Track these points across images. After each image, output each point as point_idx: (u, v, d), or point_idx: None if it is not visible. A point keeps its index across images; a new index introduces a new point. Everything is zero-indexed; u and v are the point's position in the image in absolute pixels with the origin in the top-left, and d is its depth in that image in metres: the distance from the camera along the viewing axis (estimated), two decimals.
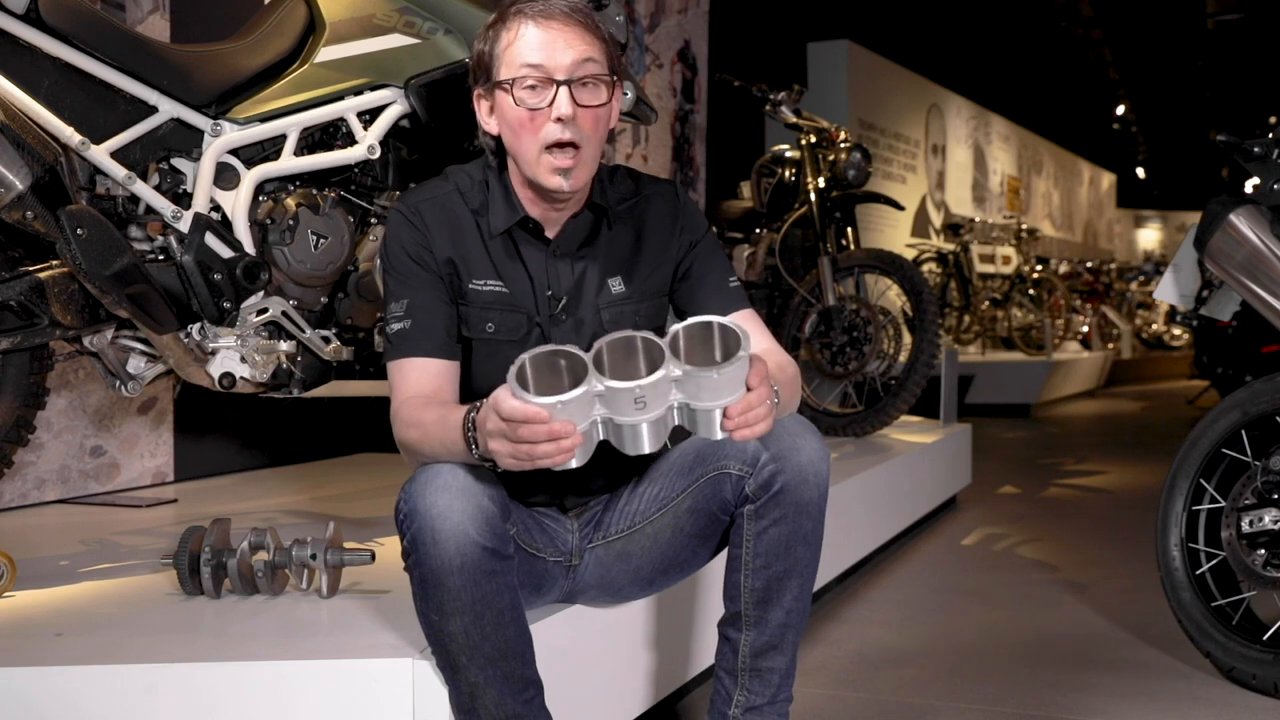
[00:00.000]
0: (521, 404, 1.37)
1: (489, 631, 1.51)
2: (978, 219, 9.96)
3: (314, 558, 1.91)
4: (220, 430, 3.64)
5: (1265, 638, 2.41)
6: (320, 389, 2.48)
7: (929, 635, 2.93)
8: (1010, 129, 14.08)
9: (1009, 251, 9.85)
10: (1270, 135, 2.54)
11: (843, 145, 4.50)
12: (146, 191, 2.23)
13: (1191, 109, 21.51)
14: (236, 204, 2.33)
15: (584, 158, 1.67)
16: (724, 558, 1.75)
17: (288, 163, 2.39)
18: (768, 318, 4.58)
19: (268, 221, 2.36)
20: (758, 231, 4.78)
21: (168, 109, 2.27)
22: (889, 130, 10.04)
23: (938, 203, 11.28)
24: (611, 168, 1.83)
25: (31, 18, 2.09)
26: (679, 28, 6.59)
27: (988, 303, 9.76)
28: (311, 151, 2.45)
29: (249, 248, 2.34)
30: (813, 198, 4.40)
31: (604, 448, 1.52)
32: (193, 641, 1.74)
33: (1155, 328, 13.67)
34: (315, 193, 2.43)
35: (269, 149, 2.39)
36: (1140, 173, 23.15)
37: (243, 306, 2.33)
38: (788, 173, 4.62)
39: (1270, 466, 2.43)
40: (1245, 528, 2.44)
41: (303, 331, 2.41)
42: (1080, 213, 17.95)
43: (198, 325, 2.30)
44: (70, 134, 2.10)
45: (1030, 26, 16.30)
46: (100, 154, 2.16)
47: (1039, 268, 10.28)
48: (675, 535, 1.77)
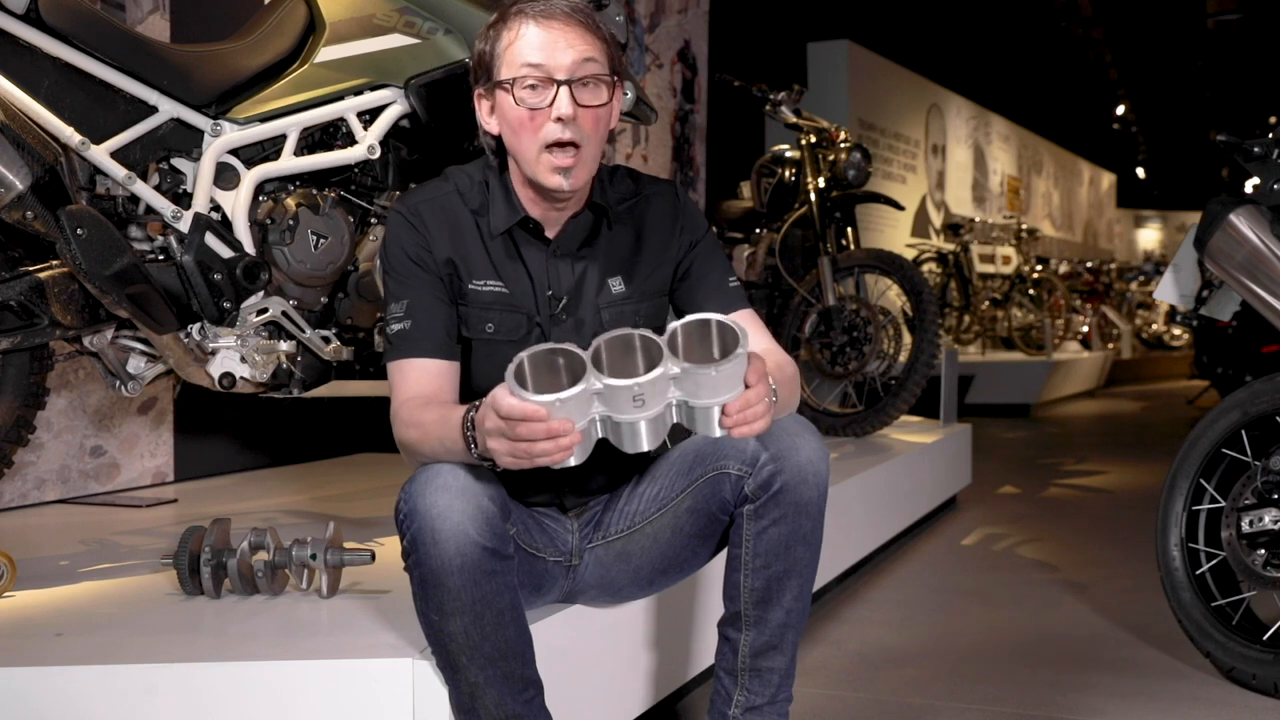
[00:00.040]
0: (520, 402, 1.37)
1: (489, 631, 1.51)
2: (978, 219, 9.96)
3: (314, 558, 1.91)
4: (220, 430, 3.64)
5: (1265, 638, 2.41)
6: (320, 389, 2.48)
7: (929, 635, 2.93)
8: (1010, 129, 14.08)
9: (1009, 251, 9.84)
10: (1270, 135, 2.54)
11: (843, 145, 4.49)
12: (146, 191, 2.23)
13: (1191, 109, 21.51)
14: (236, 204, 2.33)
15: (584, 157, 1.67)
16: (724, 558, 1.75)
17: (288, 163, 2.39)
18: (768, 318, 4.58)
19: (268, 221, 2.36)
20: (758, 231, 4.78)
21: (168, 109, 2.27)
22: (889, 130, 10.04)
23: (938, 203, 11.28)
24: (611, 168, 1.84)
25: (31, 18, 2.09)
26: (679, 28, 6.59)
27: (988, 303, 9.76)
28: (311, 151, 2.45)
29: (249, 248, 2.34)
30: (813, 198, 4.40)
31: (603, 448, 1.52)
32: (193, 641, 1.74)
33: (1155, 328, 13.67)
34: (315, 193, 2.43)
35: (269, 149, 2.39)
36: (1140, 173, 23.14)
37: (243, 306, 2.33)
38: (788, 173, 4.62)
39: (1270, 466, 2.43)
40: (1245, 528, 2.44)
41: (303, 331, 2.41)
42: (1080, 213, 17.95)
43: (198, 325, 2.30)
44: (70, 134, 2.10)
45: (1030, 26, 16.30)
46: (100, 154, 2.16)
47: (1039, 268, 10.28)
48: (675, 535, 1.77)
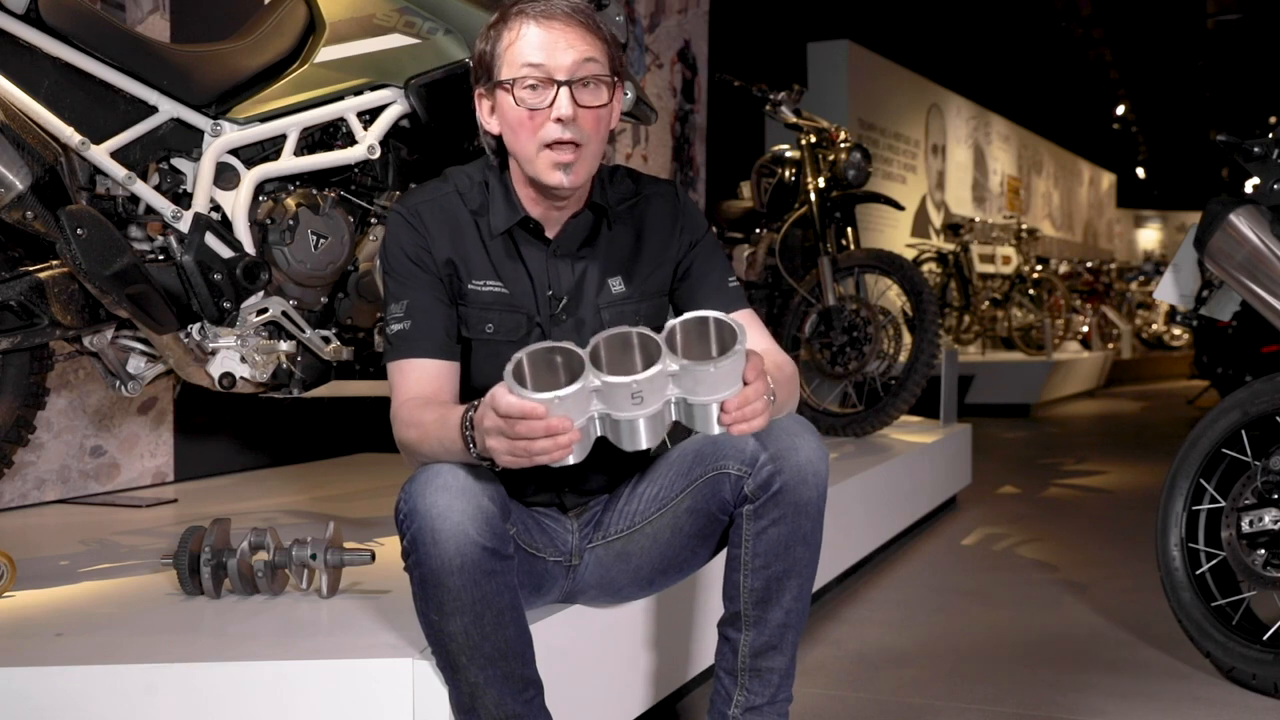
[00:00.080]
0: (519, 400, 1.37)
1: (489, 631, 1.51)
2: (978, 219, 9.96)
3: (314, 558, 1.91)
4: (220, 430, 3.64)
5: (1265, 638, 2.41)
6: (320, 389, 2.48)
7: (929, 635, 2.93)
8: (1010, 129, 14.08)
9: (1009, 251, 9.84)
10: (1270, 135, 2.54)
11: (843, 145, 4.49)
12: (146, 191, 2.23)
13: (1191, 109, 21.50)
14: (236, 204, 2.33)
15: (585, 154, 1.67)
16: (724, 557, 1.75)
17: (288, 163, 2.39)
18: (768, 318, 4.58)
19: (268, 221, 2.36)
20: (758, 231, 4.78)
21: (168, 109, 2.27)
22: (889, 130, 10.04)
23: (938, 203, 11.28)
24: (611, 168, 1.84)
25: (31, 18, 2.09)
26: (679, 28, 6.59)
27: (988, 303, 9.76)
28: (311, 151, 2.45)
29: (249, 248, 2.34)
30: (813, 198, 4.40)
31: (603, 448, 1.52)
32: (193, 641, 1.74)
33: (1155, 328, 13.67)
34: (315, 193, 2.43)
35: (269, 149, 2.39)
36: (1140, 173, 23.15)
37: (243, 306, 2.33)
38: (788, 173, 4.62)
39: (1270, 466, 2.43)
40: (1245, 528, 2.44)
41: (303, 331, 2.41)
42: (1080, 213, 17.95)
43: (198, 325, 2.30)
44: (70, 134, 2.10)
45: (1030, 26, 16.30)
46: (100, 154, 2.16)
47: (1039, 268, 10.28)
48: (675, 535, 1.77)
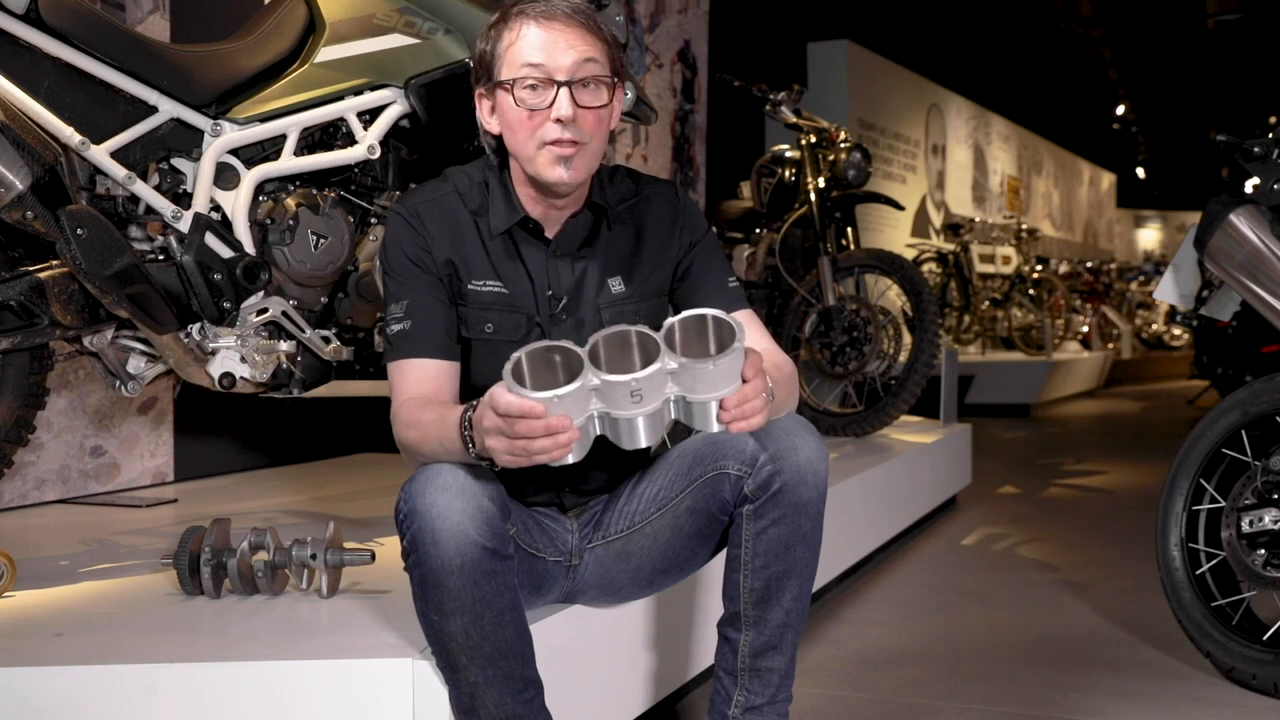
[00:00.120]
0: (518, 399, 1.37)
1: (489, 631, 1.51)
2: (978, 219, 9.96)
3: (314, 558, 1.91)
4: (220, 430, 3.64)
5: (1265, 638, 2.41)
6: (320, 389, 2.48)
7: (929, 635, 2.93)
8: (1010, 129, 14.08)
9: (1009, 251, 9.84)
10: (1270, 135, 2.54)
11: (843, 145, 4.49)
12: (146, 191, 2.23)
13: (1191, 109, 21.51)
14: (236, 204, 2.33)
15: (585, 151, 1.67)
16: (724, 557, 1.75)
17: (288, 163, 2.39)
18: (768, 318, 4.58)
19: (268, 221, 2.36)
20: (758, 231, 4.78)
21: (168, 109, 2.27)
22: (889, 130, 10.04)
23: (938, 203, 11.28)
24: (611, 168, 1.84)
25: (31, 18, 2.09)
26: (679, 28, 6.59)
27: (988, 303, 9.76)
28: (311, 151, 2.45)
29: (249, 248, 2.34)
30: (813, 198, 4.40)
31: (603, 448, 1.52)
32: (193, 641, 1.74)
33: (1155, 328, 13.67)
34: (315, 193, 2.43)
35: (269, 149, 2.39)
36: (1140, 173, 23.15)
37: (243, 306, 2.33)
38: (788, 173, 4.62)
39: (1270, 466, 2.43)
40: (1245, 528, 2.44)
41: (303, 331, 2.41)
42: (1080, 213, 17.95)
43: (198, 325, 2.30)
44: (70, 134, 2.10)
45: (1030, 26, 16.30)
46: (100, 154, 2.16)
47: (1039, 268, 10.28)
48: (674, 535, 1.77)
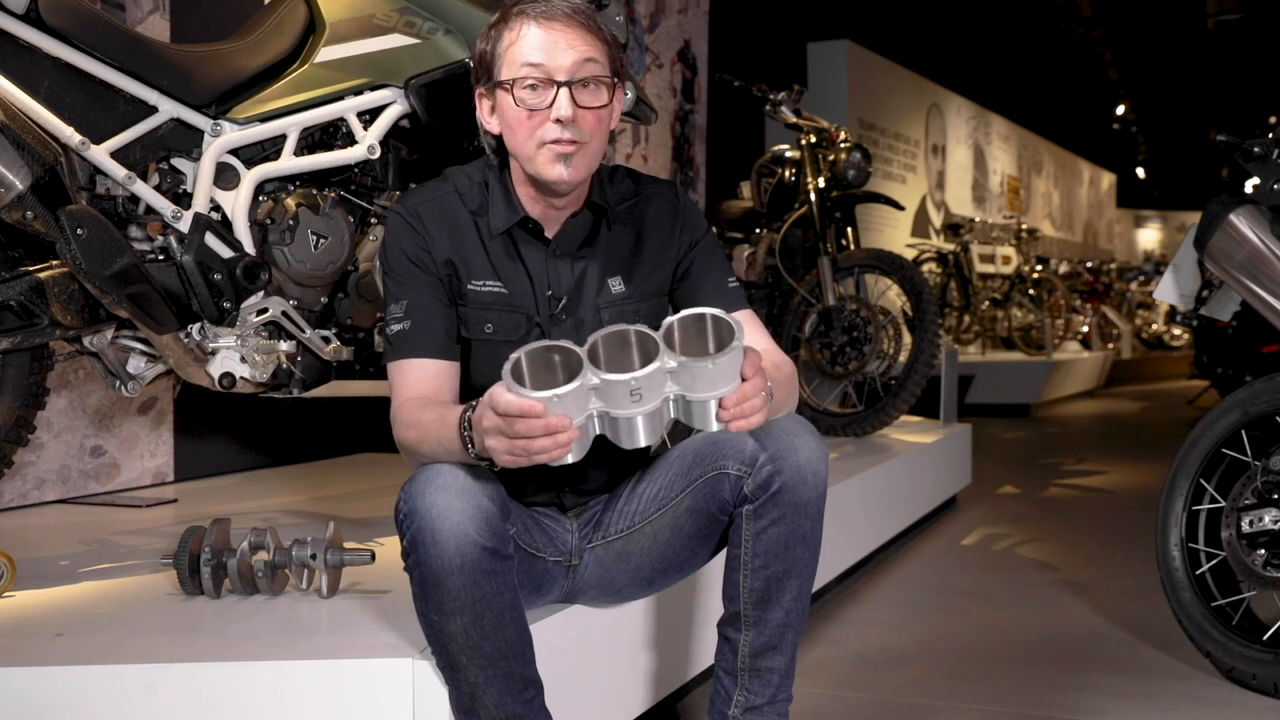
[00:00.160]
0: (517, 398, 1.37)
1: (489, 631, 1.51)
2: (978, 219, 9.96)
3: (314, 558, 1.91)
4: (220, 430, 3.64)
5: (1265, 638, 2.41)
6: (320, 389, 2.48)
7: (929, 635, 2.93)
8: (1010, 129, 14.08)
9: (1009, 251, 9.85)
10: (1270, 135, 2.54)
11: (843, 145, 4.49)
12: (146, 191, 2.23)
13: (1191, 109, 21.51)
14: (236, 204, 2.33)
15: (585, 150, 1.67)
16: (724, 557, 1.75)
17: (288, 163, 2.39)
18: (768, 318, 4.58)
19: (268, 221, 2.36)
20: (758, 231, 4.78)
21: (168, 109, 2.27)
22: (889, 130, 10.04)
23: (938, 203, 11.28)
24: (611, 168, 1.84)
25: (31, 18, 2.09)
26: (679, 28, 6.59)
27: (988, 303, 9.76)
28: (311, 151, 2.45)
29: (249, 248, 2.34)
30: (813, 198, 4.40)
31: (603, 448, 1.52)
32: (193, 641, 1.74)
33: (1155, 328, 13.67)
34: (315, 193, 2.43)
35: (269, 149, 2.39)
36: (1140, 173, 23.15)
37: (243, 306, 2.33)
38: (788, 173, 4.62)
39: (1270, 466, 2.43)
40: (1245, 528, 2.44)
41: (303, 331, 2.41)
42: (1080, 213, 17.95)
43: (198, 325, 2.30)
44: (70, 134, 2.10)
45: (1030, 26, 16.29)
46: (100, 154, 2.16)
47: (1039, 268, 10.28)
48: (674, 535, 1.77)
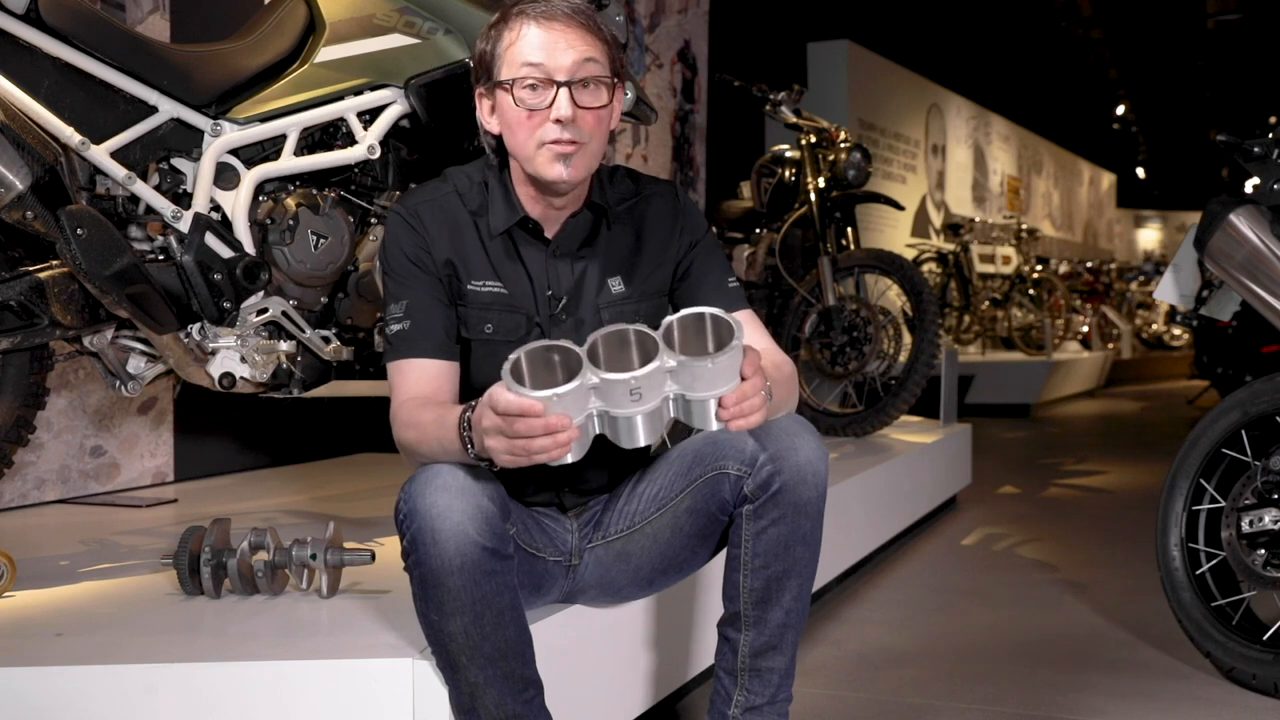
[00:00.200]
0: (517, 398, 1.37)
1: (489, 631, 1.51)
2: (978, 219, 9.96)
3: (314, 558, 1.91)
4: (220, 430, 3.64)
5: (1265, 638, 2.41)
6: (320, 389, 2.48)
7: (929, 635, 2.93)
8: (1010, 129, 14.08)
9: (1009, 251, 9.85)
10: (1270, 135, 2.54)
11: (843, 145, 4.49)
12: (146, 191, 2.23)
13: (1191, 109, 21.51)
14: (236, 204, 2.33)
15: (585, 150, 1.67)
16: (724, 557, 1.75)
17: (288, 163, 2.39)
18: (768, 318, 4.58)
19: (268, 221, 2.36)
20: (758, 231, 4.78)
21: (168, 109, 2.27)
22: (889, 130, 10.04)
23: (938, 203, 11.28)
24: (611, 168, 1.84)
25: (31, 18, 2.09)
26: (679, 28, 6.59)
27: (988, 303, 9.76)
28: (311, 151, 2.45)
29: (249, 248, 2.34)
30: (813, 198, 4.40)
31: (603, 448, 1.52)
32: (193, 641, 1.74)
33: (1155, 328, 13.67)
34: (315, 193, 2.43)
35: (269, 149, 2.39)
36: (1140, 173, 23.15)
37: (243, 306, 2.33)
38: (788, 173, 4.62)
39: (1270, 466, 2.43)
40: (1245, 528, 2.44)
41: (303, 331, 2.41)
42: (1080, 213, 17.95)
43: (198, 325, 2.30)
44: (70, 134, 2.10)
45: (1030, 26, 16.30)
46: (100, 154, 2.16)
47: (1039, 268, 10.28)
48: (674, 535, 1.77)
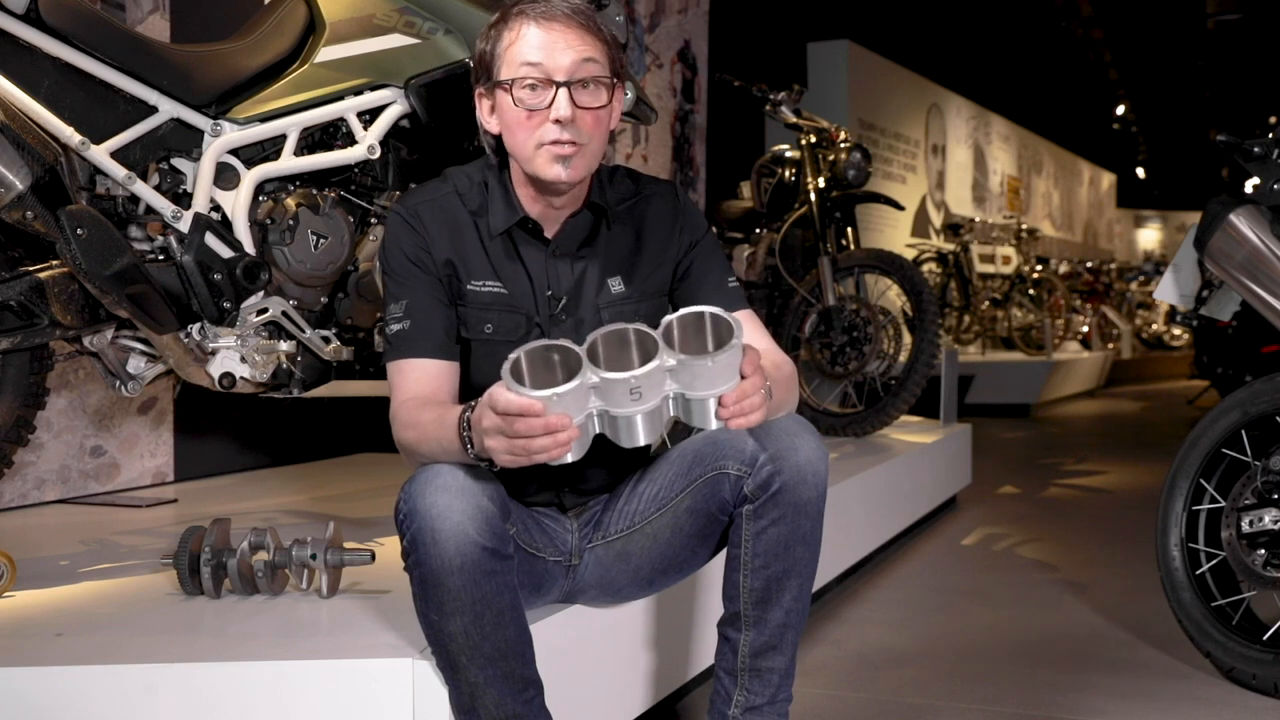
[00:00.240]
0: (517, 397, 1.37)
1: (489, 631, 1.51)
2: (978, 219, 9.96)
3: (314, 558, 1.91)
4: (220, 430, 3.64)
5: (1265, 638, 2.41)
6: (320, 389, 2.48)
7: (929, 635, 2.93)
8: (1010, 129, 14.08)
9: (1009, 251, 9.85)
10: (1270, 135, 2.54)
11: (843, 145, 4.49)
12: (146, 191, 2.23)
13: (1191, 109, 21.51)
14: (236, 204, 2.33)
15: (584, 151, 1.67)
16: (724, 557, 1.75)
17: (288, 163, 2.39)
18: (768, 318, 4.58)
19: (268, 221, 2.36)
20: (758, 231, 4.78)
21: (168, 109, 2.27)
22: (889, 130, 10.04)
23: (938, 203, 11.28)
24: (611, 168, 1.84)
25: (31, 18, 2.09)
26: (679, 28, 6.59)
27: (988, 303, 9.76)
28: (311, 151, 2.45)
29: (249, 248, 2.34)
30: (813, 198, 4.40)
31: (603, 448, 1.53)
32: (193, 641, 1.74)
33: (1155, 328, 13.67)
34: (315, 193, 2.43)
35: (269, 149, 2.39)
36: (1140, 173, 23.15)
37: (243, 306, 2.33)
38: (788, 173, 4.62)
39: (1270, 466, 2.43)
40: (1245, 528, 2.44)
41: (303, 331, 2.41)
42: (1080, 213, 17.95)
43: (198, 325, 2.30)
44: (70, 134, 2.10)
45: (1030, 26, 16.30)
46: (100, 154, 2.16)
47: (1039, 268, 10.28)
48: (674, 535, 1.77)
